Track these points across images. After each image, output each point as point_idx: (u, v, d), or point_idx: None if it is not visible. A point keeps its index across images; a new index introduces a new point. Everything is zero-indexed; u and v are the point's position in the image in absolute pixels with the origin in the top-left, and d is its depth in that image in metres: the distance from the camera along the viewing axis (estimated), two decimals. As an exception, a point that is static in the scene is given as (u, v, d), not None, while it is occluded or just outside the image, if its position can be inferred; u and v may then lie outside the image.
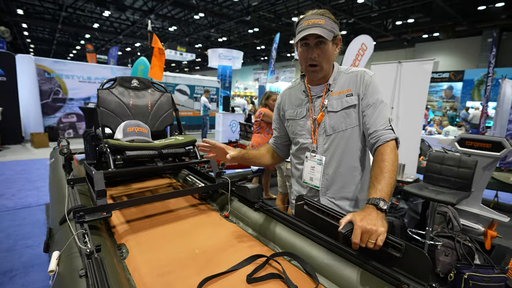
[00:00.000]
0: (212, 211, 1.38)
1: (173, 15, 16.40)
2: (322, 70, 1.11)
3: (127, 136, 1.38)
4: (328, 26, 1.04)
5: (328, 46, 1.07)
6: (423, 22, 13.94)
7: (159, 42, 4.06)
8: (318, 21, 1.03)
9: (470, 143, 2.40)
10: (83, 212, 1.01)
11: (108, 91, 1.49)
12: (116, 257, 0.96)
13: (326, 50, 1.07)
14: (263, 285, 0.85)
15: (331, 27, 1.05)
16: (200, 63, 28.33)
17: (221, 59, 12.08)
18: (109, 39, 20.52)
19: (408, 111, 3.12)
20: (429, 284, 0.73)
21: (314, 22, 1.04)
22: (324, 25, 1.03)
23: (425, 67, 3.00)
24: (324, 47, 1.06)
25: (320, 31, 1.02)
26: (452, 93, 13.82)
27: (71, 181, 1.39)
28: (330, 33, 1.04)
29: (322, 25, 1.03)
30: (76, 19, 16.38)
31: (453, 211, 2.43)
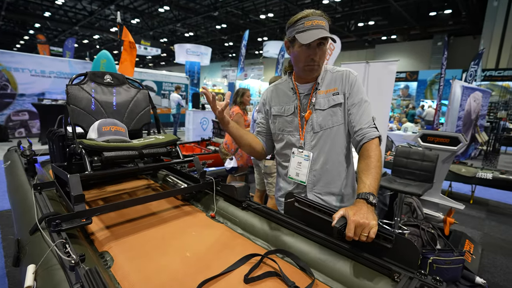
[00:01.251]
0: (198, 212, 1.34)
1: (136, 6, 15.59)
2: (319, 70, 1.16)
3: (102, 136, 1.29)
4: (327, 28, 1.08)
5: (326, 47, 1.12)
6: (382, 24, 14.85)
7: (129, 35, 3.82)
8: (321, 23, 1.06)
9: (431, 139, 2.61)
10: (59, 220, 0.93)
11: (79, 87, 1.37)
12: (100, 266, 0.89)
13: (324, 51, 1.12)
14: (261, 284, 0.85)
15: (328, 29, 1.09)
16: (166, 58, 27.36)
17: (189, 55, 11.75)
18: (64, 29, 18.94)
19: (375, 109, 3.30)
20: (418, 271, 0.78)
21: (318, 23, 1.06)
22: (325, 27, 1.07)
23: (390, 67, 3.19)
24: (323, 48, 1.11)
25: (326, 34, 1.05)
26: (408, 92, 14.92)
27: (38, 186, 1.27)
28: (329, 34, 1.07)
29: (325, 27, 1.07)
30: (23, 6, 14.84)
31: (417, 201, 2.64)
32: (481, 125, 7.24)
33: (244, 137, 1.28)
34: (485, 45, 10.91)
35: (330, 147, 1.18)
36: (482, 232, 3.17)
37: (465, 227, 3.20)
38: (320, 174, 1.21)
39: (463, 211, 3.51)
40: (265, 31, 17.44)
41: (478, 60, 7.73)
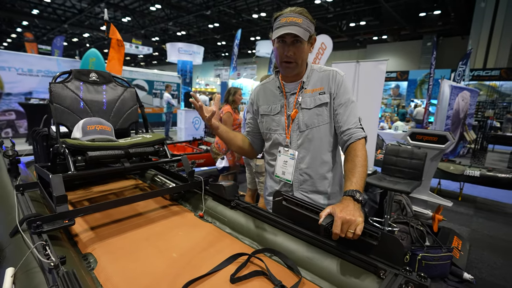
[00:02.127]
0: (186, 212, 1.32)
1: (127, 5, 15.40)
2: (297, 67, 1.14)
3: (87, 135, 1.26)
4: (304, 25, 1.06)
5: (304, 45, 1.10)
6: (373, 25, 15.00)
7: (117, 32, 3.76)
8: (296, 20, 1.05)
9: (420, 137, 2.65)
10: (40, 222, 0.90)
11: (63, 85, 1.34)
12: (83, 268, 0.87)
13: (302, 49, 1.10)
14: (248, 284, 0.84)
15: (307, 26, 1.07)
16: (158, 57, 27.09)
17: (181, 54, 11.66)
18: (52, 27, 18.57)
19: (365, 108, 3.33)
20: (403, 268, 0.78)
21: (292, 20, 1.05)
22: (301, 24, 1.06)
23: (380, 67, 3.22)
24: (300, 46, 1.09)
25: (297, 31, 1.04)
26: (399, 91, 15.13)
27: (21, 187, 1.23)
28: (306, 32, 1.07)
29: (299, 24, 1.05)
30: (10, 3, 14.49)
31: (407, 199, 2.67)
32: (469, 123, 7.38)
33: (233, 140, 1.31)
34: (473, 45, 11.14)
35: (316, 146, 1.19)
36: (470, 229, 3.23)
37: (454, 224, 3.26)
38: (307, 172, 1.21)
39: (451, 208, 3.57)
40: (257, 30, 17.43)
41: (466, 60, 7.88)
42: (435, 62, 6.74)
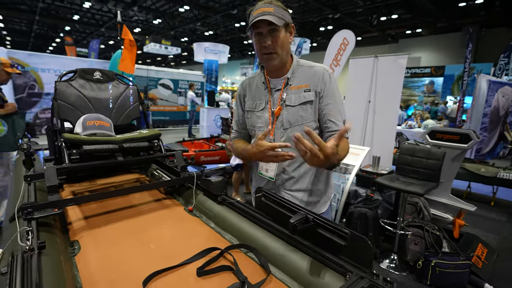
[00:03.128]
0: (177, 205, 1.36)
1: (158, 7, 16.01)
2: (278, 57, 1.11)
3: (86, 130, 1.34)
4: (278, 14, 1.05)
5: (281, 33, 1.07)
6: (406, 18, 14.17)
7: (129, 33, 3.95)
8: (268, 9, 1.04)
9: (440, 136, 2.47)
10: (31, 209, 0.98)
11: (67, 83, 1.44)
12: (65, 254, 0.93)
13: (279, 37, 1.07)
14: (213, 278, 0.84)
15: (281, 14, 1.05)
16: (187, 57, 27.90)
17: (207, 53, 11.92)
18: (91, 31, 19.88)
19: (384, 104, 3.17)
20: (370, 271, 0.74)
21: (264, 10, 1.04)
22: (274, 13, 1.04)
23: (400, 61, 3.04)
24: (277, 34, 1.07)
25: (270, 18, 1.02)
26: (434, 88, 14.18)
27: (29, 177, 1.34)
28: (280, 20, 1.04)
29: (272, 13, 1.04)
30: (54, 10, 15.74)
31: (424, 201, 2.51)
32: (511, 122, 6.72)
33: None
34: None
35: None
36: (500, 237, 2.95)
37: (481, 231, 3.00)
38: (290, 171, 1.19)
39: (480, 213, 3.29)
40: (283, 27, 17.25)
41: (509, 52, 7.17)
42: (471, 55, 6.22)
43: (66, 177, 1.48)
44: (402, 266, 2.31)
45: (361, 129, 3.44)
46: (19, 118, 2.54)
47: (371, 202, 2.68)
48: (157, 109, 10.15)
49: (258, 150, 1.04)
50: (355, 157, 2.72)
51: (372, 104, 3.27)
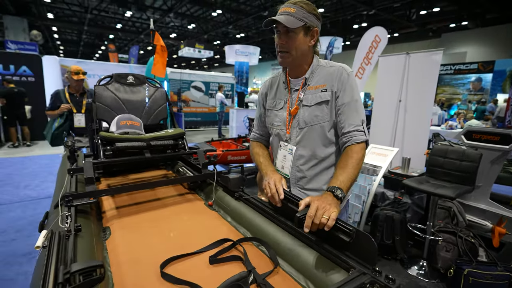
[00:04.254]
0: (198, 200, 1.45)
1: (192, 13, 16.67)
2: (290, 57, 1.13)
3: (119, 129, 1.48)
4: (298, 15, 1.06)
5: (297, 35, 1.09)
6: (449, 10, 13.18)
7: (161, 39, 4.21)
8: (289, 10, 1.07)
9: (477, 136, 2.29)
10: (71, 197, 1.12)
11: (104, 87, 1.59)
12: (98, 238, 1.05)
13: (294, 39, 1.09)
14: (223, 266, 0.91)
15: (302, 16, 1.06)
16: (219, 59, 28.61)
17: (238, 55, 12.17)
18: (131, 38, 21.27)
19: (416, 103, 3.02)
20: (373, 268, 0.75)
21: (285, 10, 1.07)
22: (294, 14, 1.06)
23: (434, 57, 2.88)
24: (293, 35, 1.08)
25: (284, 19, 1.05)
26: (481, 85, 13.00)
27: (71, 170, 1.52)
28: (298, 21, 1.06)
29: (292, 14, 1.06)
30: (100, 20, 17.12)
31: (458, 206, 2.35)
32: None
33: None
34: None
35: (315, 143, 1.17)
36: (551, 249, 2.65)
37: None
38: (304, 169, 1.21)
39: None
40: (315, 27, 16.99)
41: None
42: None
43: (103, 171, 1.64)
44: (432, 274, 2.19)
45: (390, 129, 3.29)
46: (70, 119, 2.84)
47: (399, 205, 2.57)
48: (189, 110, 10.59)
49: (264, 180, 1.10)
50: (383, 158, 2.62)
51: (403, 103, 3.12)
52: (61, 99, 2.85)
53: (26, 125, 7.00)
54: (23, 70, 7.36)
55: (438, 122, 7.78)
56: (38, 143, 7.38)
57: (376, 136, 3.50)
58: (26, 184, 4.19)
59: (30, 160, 5.65)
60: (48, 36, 20.19)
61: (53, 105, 2.83)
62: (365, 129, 1.10)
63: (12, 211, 3.23)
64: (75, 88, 2.95)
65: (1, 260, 2.32)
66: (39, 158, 5.88)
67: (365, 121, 1.12)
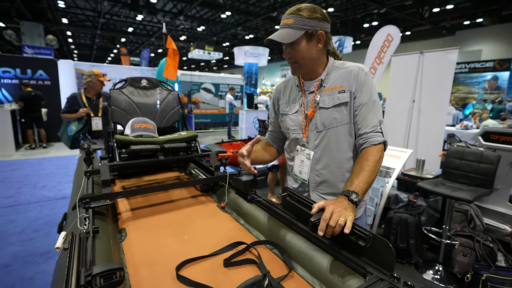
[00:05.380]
0: (211, 202, 1.46)
1: (201, 15, 16.84)
2: (300, 67, 1.13)
3: (134, 132, 1.51)
4: (296, 25, 1.05)
5: (299, 45, 1.08)
6: (464, 7, 12.86)
7: (173, 43, 4.27)
8: (287, 21, 1.07)
9: (495, 137, 2.22)
10: (89, 199, 1.15)
11: (119, 91, 1.63)
12: (115, 239, 1.07)
13: (298, 49, 1.08)
14: (238, 269, 0.91)
15: (301, 25, 1.05)
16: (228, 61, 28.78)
17: (247, 57, 12.20)
18: (142, 41, 21.67)
19: (430, 104, 2.95)
20: (391, 273, 0.73)
21: (284, 23, 1.08)
22: (292, 25, 1.05)
23: (449, 56, 2.81)
24: (295, 46, 1.08)
25: (280, 35, 1.06)
26: (498, 84, 12.62)
27: (88, 172, 1.55)
28: (298, 31, 1.05)
29: (289, 25, 1.06)
30: (113, 24, 17.50)
31: (476, 209, 2.28)
32: None
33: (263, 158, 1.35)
34: None
35: (334, 147, 1.15)
36: None
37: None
38: (323, 174, 1.18)
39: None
40: (325, 27, 16.87)
41: None
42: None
43: (118, 174, 1.67)
44: (448, 279, 2.13)
45: (404, 130, 3.23)
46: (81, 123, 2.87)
47: (413, 208, 2.52)
48: (199, 112, 10.69)
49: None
50: (396, 160, 2.58)
51: (417, 104, 3.06)
52: (79, 103, 2.91)
53: (42, 127, 7.21)
54: (39, 74, 7.59)
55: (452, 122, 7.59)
56: (54, 144, 7.60)
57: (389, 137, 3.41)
58: (43, 185, 4.32)
59: (47, 162, 5.82)
60: (62, 41, 20.77)
61: (70, 108, 2.89)
62: (383, 129, 1.08)
63: (30, 211, 3.34)
64: (95, 91, 3.01)
65: (21, 259, 2.39)
66: (56, 159, 6.05)
67: (383, 122, 1.10)
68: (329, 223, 0.81)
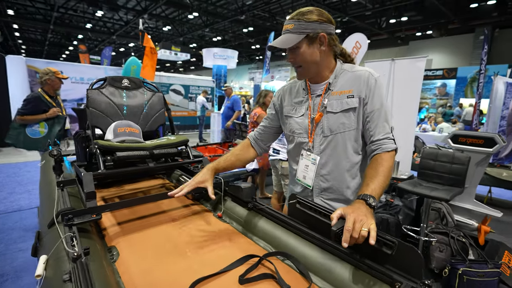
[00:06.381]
0: (205, 211, 1.36)
1: (167, 14, 16.29)
2: (304, 71, 1.11)
3: (117, 137, 1.36)
4: (296, 30, 1.04)
5: (300, 49, 1.06)
6: (416, 20, 14.04)
7: (150, 41, 4.03)
8: (288, 27, 1.06)
9: (463, 140, 2.41)
10: (72, 215, 0.99)
11: (98, 91, 1.46)
12: (106, 260, 0.94)
13: (300, 53, 1.07)
14: (256, 286, 0.84)
15: (301, 29, 1.04)
16: (195, 62, 28.23)
17: (216, 59, 12.05)
18: (103, 39, 20.34)
19: (402, 108, 3.13)
20: (422, 281, 0.72)
21: (285, 28, 1.07)
22: (292, 30, 1.05)
23: (418, 64, 3.01)
24: (297, 51, 1.07)
25: (280, 41, 1.06)
26: (446, 91, 13.95)
27: (61, 183, 1.36)
28: (299, 36, 1.04)
29: (290, 30, 1.05)
30: (68, 19, 16.18)
31: (447, 207, 2.45)
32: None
33: (236, 164, 1.29)
34: (536, 37, 9.85)
35: (340, 152, 1.12)
36: (526, 243, 2.85)
37: (506, 237, 2.90)
38: (328, 179, 1.16)
39: (504, 220, 3.19)
40: (291, 32, 17.30)
41: (526, 53, 6.99)
42: (486, 57, 6.10)
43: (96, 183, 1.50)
44: (426, 274, 2.25)
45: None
46: (58, 122, 2.85)
47: (391, 208, 2.63)
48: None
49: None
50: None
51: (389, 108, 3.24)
52: (46, 103, 2.76)
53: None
54: (-19, 71, 6.72)
55: (411, 125, 8.18)
56: (2, 150, 6.75)
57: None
58: (-10, 196, 3.80)
59: (-8, 170, 5.15)
60: (7, 34, 18.72)
61: (35, 109, 2.71)
62: (394, 137, 1.08)
63: (-25, 227, 2.90)
64: (54, 89, 2.89)
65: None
66: (4, 166, 5.37)
67: (394, 129, 1.11)
68: (352, 234, 0.78)
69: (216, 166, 1.20)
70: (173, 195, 1.09)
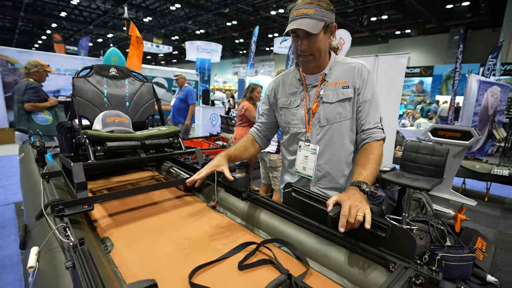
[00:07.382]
0: (199, 202, 1.36)
1: (148, 5, 15.77)
2: (315, 59, 1.10)
3: (106, 127, 1.32)
4: (317, 16, 1.01)
5: (318, 37, 1.04)
6: (396, 18, 14.46)
7: (136, 30, 3.88)
8: (307, 11, 1.01)
9: (442, 133, 2.54)
10: (62, 206, 0.96)
11: (84, 79, 1.41)
12: (100, 251, 0.92)
13: (316, 41, 1.05)
14: (255, 271, 0.85)
15: (321, 15, 1.02)
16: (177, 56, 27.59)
17: (199, 52, 11.82)
18: (79, 29, 19.41)
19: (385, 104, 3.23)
20: (414, 261, 0.76)
21: (303, 12, 1.01)
22: (313, 15, 1.01)
23: (400, 60, 3.11)
24: (314, 38, 1.04)
25: (306, 24, 1.00)
26: (423, 88, 14.52)
27: (46, 175, 1.31)
28: (319, 22, 1.02)
29: (311, 16, 1.01)
30: (40, 6, 15.28)
31: (427, 197, 2.58)
32: (499, 121, 6.97)
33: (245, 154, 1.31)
34: (505, 37, 10.45)
35: (337, 141, 1.15)
36: (496, 230, 3.06)
37: (479, 225, 3.10)
38: (325, 168, 1.18)
39: (477, 208, 3.40)
40: (275, 27, 17.31)
41: (496, 53, 7.42)
42: (461, 56, 6.40)
43: (83, 175, 1.45)
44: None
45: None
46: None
47: (375, 199, 2.73)
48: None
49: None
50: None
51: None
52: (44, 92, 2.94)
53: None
54: None
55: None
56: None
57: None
58: (-40, 192, 3.56)
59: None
60: (-28, 21, 17.45)
61: (42, 97, 2.86)
62: (383, 126, 1.12)
63: None
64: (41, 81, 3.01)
65: None
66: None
67: (383, 118, 1.14)
68: (348, 219, 0.81)
69: (229, 153, 1.21)
70: (192, 181, 1.09)
